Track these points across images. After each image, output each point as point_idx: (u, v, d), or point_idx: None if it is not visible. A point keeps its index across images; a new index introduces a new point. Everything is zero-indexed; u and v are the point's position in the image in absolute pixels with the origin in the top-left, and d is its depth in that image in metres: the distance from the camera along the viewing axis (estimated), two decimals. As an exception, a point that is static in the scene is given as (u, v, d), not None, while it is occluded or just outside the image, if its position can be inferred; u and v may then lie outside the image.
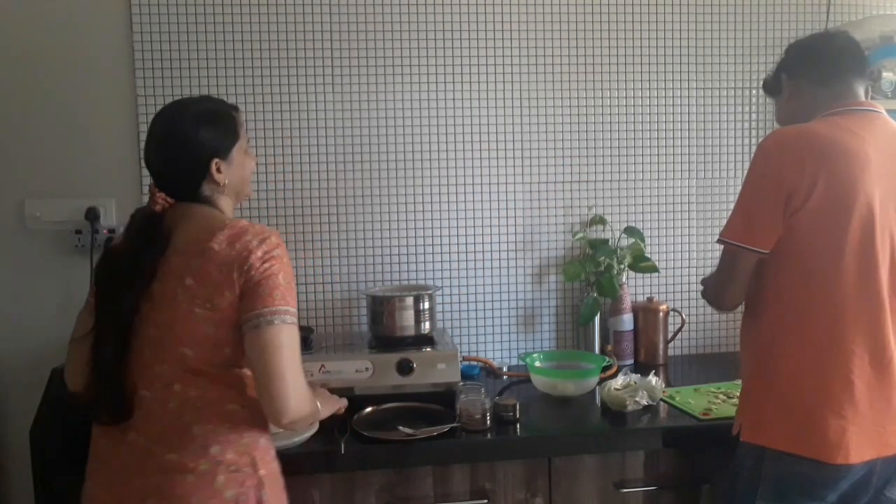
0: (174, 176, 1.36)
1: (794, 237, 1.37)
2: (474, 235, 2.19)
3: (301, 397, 1.25)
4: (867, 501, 1.41)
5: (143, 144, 2.01)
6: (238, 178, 1.39)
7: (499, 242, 2.20)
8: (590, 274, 2.17)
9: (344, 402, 1.53)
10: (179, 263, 1.26)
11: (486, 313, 2.22)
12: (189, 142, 1.33)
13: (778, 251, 1.39)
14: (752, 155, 1.45)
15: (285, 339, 1.23)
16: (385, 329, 1.92)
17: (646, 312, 2.18)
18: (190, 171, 1.34)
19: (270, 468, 1.31)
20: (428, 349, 1.85)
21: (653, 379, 1.80)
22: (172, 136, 1.35)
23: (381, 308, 1.93)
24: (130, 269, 1.27)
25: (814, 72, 1.48)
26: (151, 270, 1.26)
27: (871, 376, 1.36)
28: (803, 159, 1.35)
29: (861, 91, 1.47)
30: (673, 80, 2.23)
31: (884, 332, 1.37)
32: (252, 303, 1.23)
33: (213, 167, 1.34)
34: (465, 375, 1.96)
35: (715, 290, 1.53)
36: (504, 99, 2.16)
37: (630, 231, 2.19)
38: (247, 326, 1.23)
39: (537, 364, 1.96)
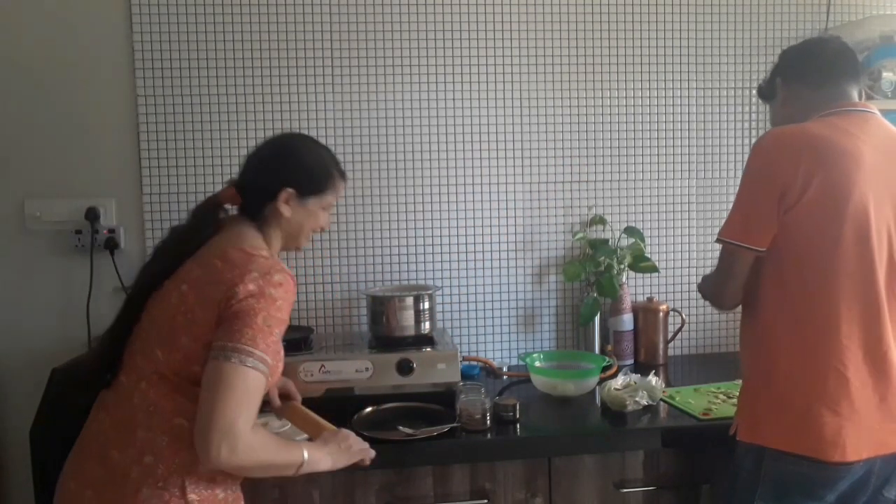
0: (254, 177, 1.37)
1: (789, 234, 1.38)
2: (474, 235, 2.19)
3: (235, 447, 1.14)
4: (865, 501, 1.41)
5: (143, 144, 2.04)
6: (301, 225, 1.38)
7: (499, 242, 2.20)
8: (590, 274, 2.17)
9: (371, 453, 1.42)
10: (187, 268, 1.27)
11: (486, 313, 2.22)
12: (283, 158, 1.37)
13: (774, 249, 1.40)
14: (748, 154, 1.46)
15: (236, 381, 1.15)
16: (385, 329, 1.92)
17: (646, 312, 2.18)
18: (266, 182, 1.35)
19: (205, 495, 1.23)
20: (428, 349, 1.85)
21: (653, 379, 1.80)
22: (277, 145, 1.40)
23: (381, 308, 1.93)
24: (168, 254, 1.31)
25: (808, 76, 1.50)
26: (176, 260, 1.29)
27: (866, 373, 1.36)
28: (798, 157, 1.36)
29: (855, 94, 1.48)
30: (673, 80, 2.23)
31: (880, 329, 1.37)
32: (221, 332, 1.19)
33: (283, 197, 1.34)
34: (465, 375, 1.96)
35: (714, 289, 1.54)
36: (504, 99, 2.16)
37: (630, 231, 2.19)
38: (211, 353, 1.18)
39: (537, 364, 1.96)
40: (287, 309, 1.25)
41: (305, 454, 1.27)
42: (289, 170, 1.36)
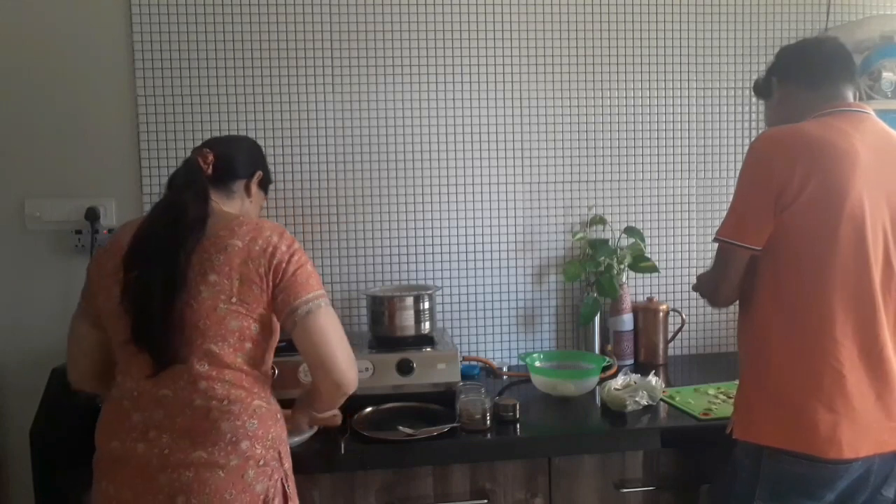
0: (231, 152, 1.48)
1: (785, 233, 1.38)
2: (474, 235, 2.19)
3: (356, 369, 1.35)
4: (864, 501, 1.41)
5: (143, 144, 2.04)
6: (255, 205, 1.55)
7: (499, 242, 2.20)
8: (590, 274, 2.17)
9: (338, 414, 1.57)
10: (201, 260, 1.27)
11: (486, 313, 2.22)
12: (256, 148, 1.59)
13: (770, 247, 1.40)
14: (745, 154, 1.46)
15: (331, 321, 1.33)
16: (385, 329, 1.92)
17: (646, 312, 2.18)
18: (244, 161, 1.50)
19: (290, 462, 1.35)
20: (428, 349, 1.85)
21: (653, 379, 1.80)
22: (248, 139, 1.66)
23: (381, 308, 1.93)
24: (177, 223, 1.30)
25: (804, 77, 1.50)
26: (200, 224, 1.30)
27: (862, 371, 1.37)
28: (794, 157, 1.36)
29: (850, 94, 1.49)
30: (673, 80, 2.23)
31: (875, 327, 1.38)
32: (295, 292, 1.30)
33: (257, 176, 1.53)
34: (465, 375, 1.96)
35: (710, 287, 1.54)
36: (504, 99, 2.16)
37: (630, 231, 2.20)
38: (298, 315, 1.29)
39: (537, 364, 1.96)
40: None
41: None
42: (261, 158, 1.58)
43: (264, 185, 1.58)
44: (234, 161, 1.48)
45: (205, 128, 2.04)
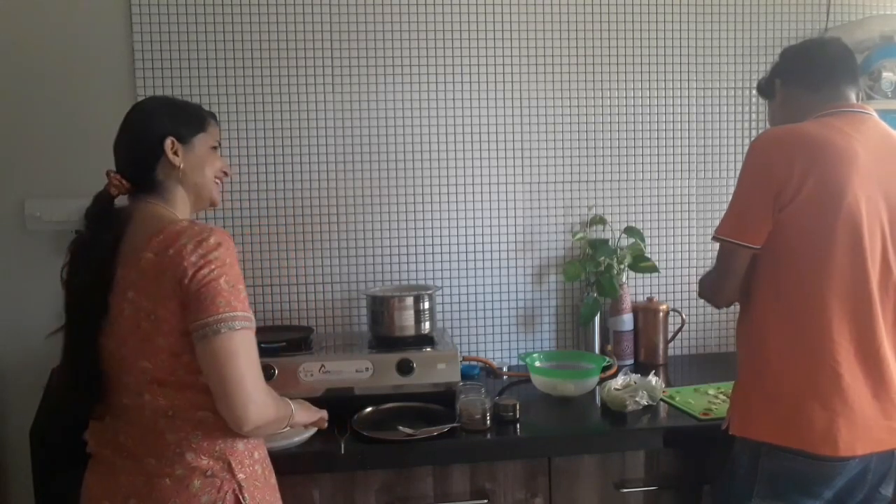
0: (130, 152, 1.33)
1: (783, 232, 1.39)
2: (474, 235, 2.19)
3: (261, 403, 1.20)
4: (862, 498, 1.42)
5: (143, 144, 2.03)
6: (198, 169, 1.34)
7: (499, 242, 2.20)
8: (590, 274, 2.17)
9: (323, 414, 1.50)
10: (122, 276, 1.24)
11: (486, 313, 2.22)
12: (147, 118, 1.33)
13: (768, 246, 1.41)
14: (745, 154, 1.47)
15: (236, 346, 1.18)
16: (385, 329, 1.92)
17: (646, 312, 2.18)
18: (145, 146, 1.31)
19: (252, 470, 1.28)
20: (428, 349, 1.85)
21: (653, 379, 1.80)
22: (134, 113, 1.37)
23: (381, 308, 1.93)
24: (91, 271, 1.25)
25: (807, 78, 1.51)
26: (106, 277, 1.24)
27: (858, 369, 1.37)
28: (793, 156, 1.37)
29: (853, 96, 1.50)
30: (673, 80, 2.23)
31: (872, 326, 1.38)
32: (196, 313, 1.18)
33: (168, 145, 1.30)
34: (465, 375, 1.96)
35: (711, 287, 1.55)
36: (504, 99, 2.16)
37: (630, 231, 2.19)
38: (195, 337, 1.18)
39: (537, 364, 1.96)
40: (237, 263, 1.24)
41: (292, 405, 1.35)
42: (158, 124, 1.32)
43: (187, 140, 1.33)
44: (130, 158, 1.33)
45: (205, 128, 2.04)
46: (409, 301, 1.92)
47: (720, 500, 1.53)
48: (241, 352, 1.19)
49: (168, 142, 1.31)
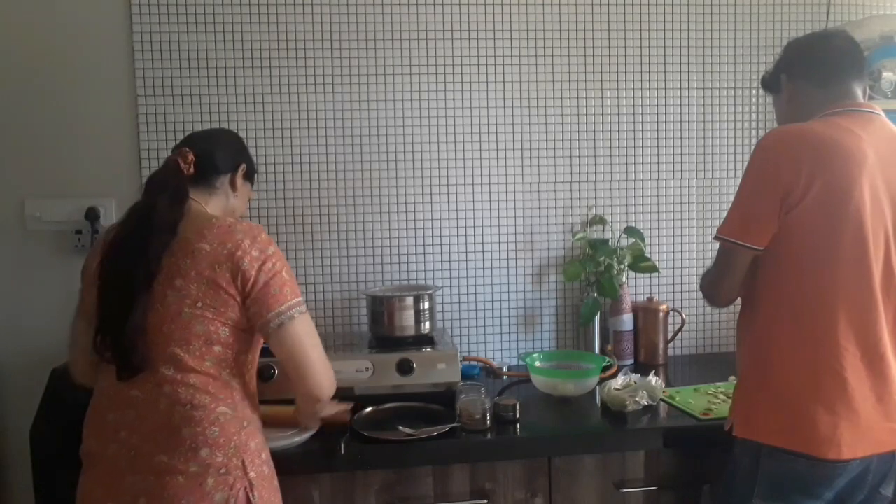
0: (218, 149, 1.45)
1: (789, 234, 1.38)
2: (474, 235, 2.19)
3: (331, 376, 1.38)
4: (863, 499, 1.41)
5: (143, 144, 2.04)
6: (242, 198, 1.51)
7: (499, 242, 2.20)
8: (590, 274, 2.17)
9: (346, 406, 1.59)
10: (169, 265, 1.26)
11: (486, 313, 2.22)
12: (236, 140, 1.55)
13: (773, 248, 1.40)
14: (751, 153, 1.45)
15: (309, 327, 1.34)
16: (385, 329, 1.92)
17: (646, 312, 2.18)
18: (230, 155, 1.47)
19: (261, 470, 1.30)
20: (428, 349, 1.85)
21: (653, 379, 1.80)
22: (226, 131, 1.62)
23: (381, 308, 1.93)
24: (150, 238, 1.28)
25: (813, 74, 1.49)
26: (159, 249, 1.27)
27: (863, 373, 1.36)
28: (800, 157, 1.35)
29: (860, 92, 1.48)
30: (673, 80, 2.23)
31: (876, 330, 1.37)
32: (266, 304, 1.29)
33: (241, 169, 1.48)
34: (465, 375, 1.96)
35: (711, 286, 1.54)
36: (504, 99, 2.16)
37: (630, 231, 2.19)
38: (270, 327, 1.29)
39: (537, 364, 1.96)
40: (281, 251, 1.36)
41: None
42: (242, 150, 1.53)
43: (250, 176, 1.54)
44: (216, 157, 1.44)
45: (205, 128, 2.04)
46: (409, 301, 1.92)
47: (721, 500, 1.53)
48: (312, 332, 1.35)
49: (243, 166, 1.50)
